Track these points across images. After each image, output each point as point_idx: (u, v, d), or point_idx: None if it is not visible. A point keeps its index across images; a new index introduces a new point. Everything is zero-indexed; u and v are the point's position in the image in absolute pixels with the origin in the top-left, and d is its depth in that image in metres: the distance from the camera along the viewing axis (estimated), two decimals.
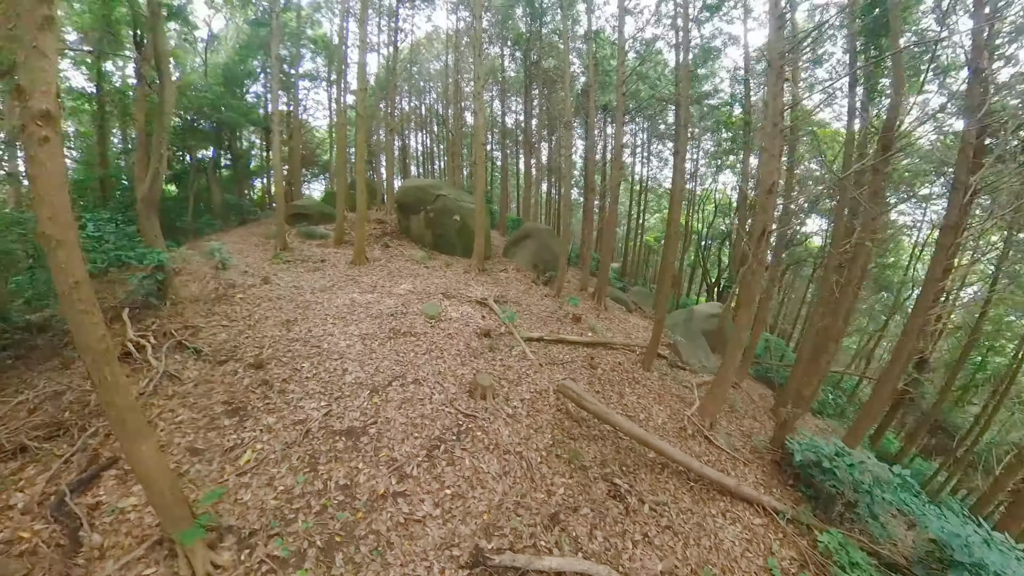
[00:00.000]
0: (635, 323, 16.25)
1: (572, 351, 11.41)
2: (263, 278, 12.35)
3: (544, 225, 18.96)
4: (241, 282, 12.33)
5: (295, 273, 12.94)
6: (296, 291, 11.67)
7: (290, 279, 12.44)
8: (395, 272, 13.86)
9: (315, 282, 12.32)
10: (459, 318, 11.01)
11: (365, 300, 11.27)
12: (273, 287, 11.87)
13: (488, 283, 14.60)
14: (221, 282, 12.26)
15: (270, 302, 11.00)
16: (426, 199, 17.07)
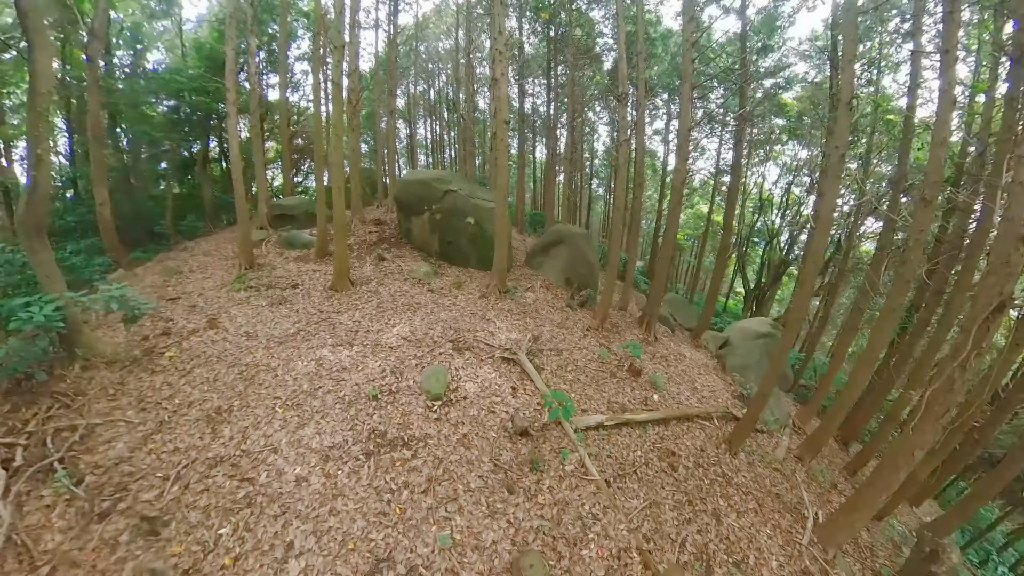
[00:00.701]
0: (692, 359, 12.21)
1: (641, 436, 7.53)
2: (209, 319, 8.56)
3: (578, 228, 14.83)
4: (181, 325, 8.56)
5: (253, 308, 9.10)
6: (246, 343, 7.83)
7: (244, 320, 8.62)
8: (388, 302, 9.92)
9: (275, 326, 8.48)
10: (479, 396, 7.09)
11: (338, 362, 7.40)
12: (218, 336, 8.06)
13: (513, 313, 10.63)
14: (156, 327, 8.54)
15: (205, 367, 7.22)
16: (432, 196, 13.00)
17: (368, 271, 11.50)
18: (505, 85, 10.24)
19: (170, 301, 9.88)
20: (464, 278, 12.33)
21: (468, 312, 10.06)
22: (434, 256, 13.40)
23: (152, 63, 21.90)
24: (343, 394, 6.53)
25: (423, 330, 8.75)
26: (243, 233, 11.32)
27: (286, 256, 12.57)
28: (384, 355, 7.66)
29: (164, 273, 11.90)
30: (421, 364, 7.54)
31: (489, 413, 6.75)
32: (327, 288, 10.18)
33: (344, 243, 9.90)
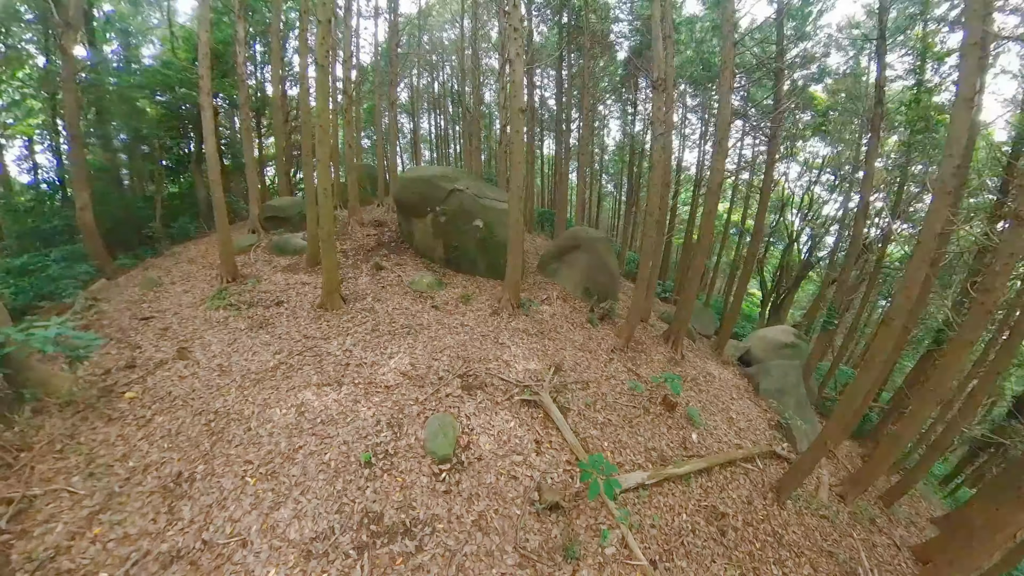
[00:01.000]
0: (722, 380, 10.80)
1: (684, 492, 6.22)
2: (180, 348, 7.21)
3: (597, 231, 13.35)
4: (149, 355, 7.24)
5: (230, 333, 7.76)
6: (217, 380, 6.49)
7: (218, 348, 7.28)
8: (385, 323, 8.49)
9: (252, 356, 7.12)
10: (496, 455, 5.75)
11: (323, 410, 6.05)
12: (187, 370, 6.71)
13: (530, 334, 9.23)
14: (121, 356, 7.22)
15: (168, 414, 5.89)
16: (435, 196, 11.40)
17: (364, 283, 10.09)
18: (521, 67, 8.76)
19: (142, 321, 8.55)
20: (472, 289, 10.93)
21: (478, 334, 8.66)
22: (438, 263, 11.99)
23: (148, 57, 20.40)
24: (328, 458, 5.18)
25: (426, 361, 7.36)
26: (223, 242, 9.89)
27: (275, 264, 11.17)
28: (379, 399, 6.29)
29: (144, 285, 10.58)
30: (424, 412, 6.16)
31: (510, 479, 5.40)
32: (316, 306, 8.77)
33: (332, 256, 8.47)
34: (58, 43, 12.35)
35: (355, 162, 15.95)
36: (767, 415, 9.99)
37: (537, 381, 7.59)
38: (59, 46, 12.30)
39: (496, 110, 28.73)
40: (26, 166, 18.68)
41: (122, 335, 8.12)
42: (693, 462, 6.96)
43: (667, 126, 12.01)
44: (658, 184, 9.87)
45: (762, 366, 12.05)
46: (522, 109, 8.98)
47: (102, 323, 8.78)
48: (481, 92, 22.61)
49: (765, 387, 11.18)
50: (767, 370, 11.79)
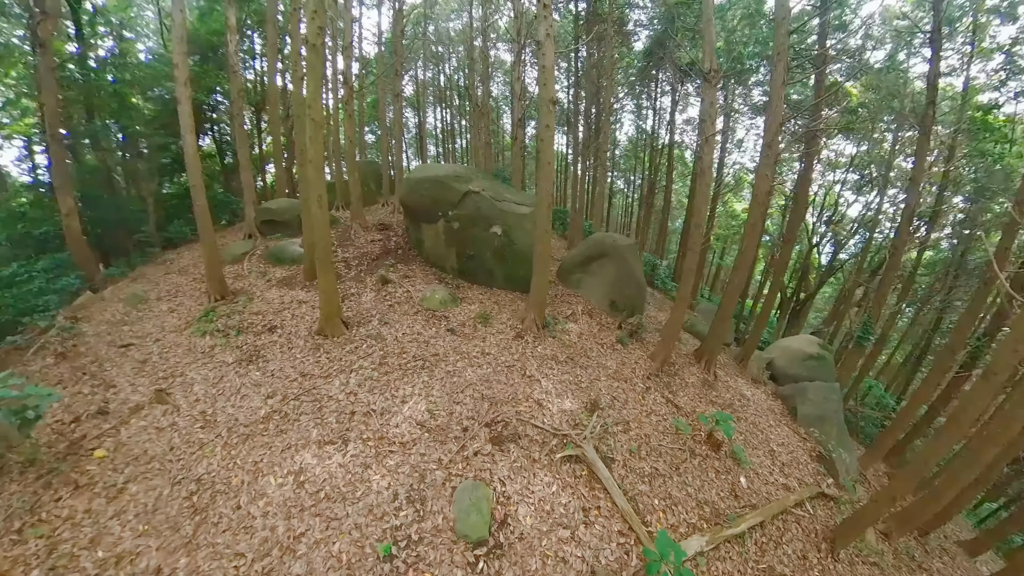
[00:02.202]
0: (755, 402, 9.69)
1: (741, 554, 5.33)
2: (157, 391, 6.09)
3: (624, 237, 12.12)
4: (124, 397, 6.11)
5: (216, 369, 6.58)
6: (200, 434, 5.32)
7: (202, 390, 6.11)
8: (394, 354, 7.25)
9: (241, 401, 5.95)
10: (540, 532, 4.61)
11: (328, 478, 4.88)
12: (165, 420, 5.58)
13: (559, 361, 8.05)
14: (93, 400, 6.10)
15: (143, 482, 4.76)
16: (448, 199, 10.08)
17: (368, 301, 8.85)
18: (551, 50, 7.47)
19: (121, 349, 7.41)
20: (490, 305, 9.75)
21: (503, 365, 7.47)
22: (450, 273, 10.78)
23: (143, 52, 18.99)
24: (339, 549, 4.03)
25: (446, 406, 6.19)
26: (209, 256, 8.65)
27: (270, 277, 9.97)
28: (394, 462, 5.13)
29: (128, 301, 9.42)
30: (450, 478, 5.01)
31: (558, 563, 4.29)
32: (314, 333, 7.53)
33: (330, 276, 7.21)
34: (34, 33, 11.02)
35: (357, 159, 14.72)
36: (807, 444, 9.02)
37: (574, 426, 6.47)
38: (36, 37, 10.99)
39: (505, 104, 27.31)
40: (26, 167, 17.47)
41: (98, 367, 6.98)
42: (748, 517, 6.02)
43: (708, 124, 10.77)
44: (705, 192, 8.64)
45: (798, 387, 10.97)
46: (553, 100, 7.71)
47: (79, 350, 7.65)
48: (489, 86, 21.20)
49: (804, 412, 10.09)
50: (804, 392, 10.69)
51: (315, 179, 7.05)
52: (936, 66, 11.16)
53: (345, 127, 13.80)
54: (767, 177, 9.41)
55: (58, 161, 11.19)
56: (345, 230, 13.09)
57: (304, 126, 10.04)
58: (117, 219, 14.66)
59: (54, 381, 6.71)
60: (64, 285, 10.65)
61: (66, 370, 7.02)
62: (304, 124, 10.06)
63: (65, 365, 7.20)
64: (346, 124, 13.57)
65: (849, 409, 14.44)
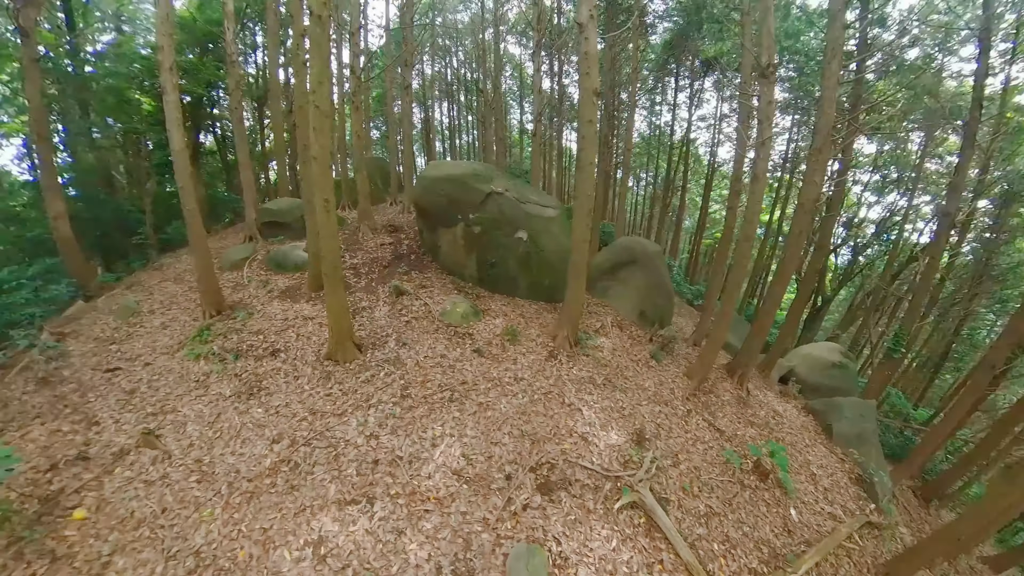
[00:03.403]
0: (789, 419, 8.94)
1: None
2: (144, 433, 5.10)
3: (653, 243, 11.12)
4: (108, 438, 5.16)
5: (213, 404, 5.60)
6: (196, 491, 4.37)
7: (196, 431, 5.14)
8: (417, 383, 6.25)
9: (242, 447, 4.98)
10: None
11: (354, 551, 3.89)
12: (155, 470, 4.65)
13: (596, 384, 7.09)
14: (73, 441, 5.16)
15: (131, 554, 3.83)
16: (469, 200, 9.02)
17: (382, 316, 7.83)
18: (594, 34, 6.41)
19: (107, 374, 6.45)
20: (515, 318, 8.77)
21: (540, 392, 6.51)
22: (469, 281, 9.75)
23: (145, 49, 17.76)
24: None
25: (483, 447, 5.23)
26: (202, 267, 7.59)
27: (272, 286, 8.94)
28: (432, 524, 4.17)
29: (119, 313, 8.44)
30: (499, 541, 4.08)
31: None
32: (323, 357, 6.50)
33: (340, 294, 6.18)
34: (16, 22, 9.86)
35: (365, 155, 13.65)
36: (845, 465, 8.36)
37: (624, 463, 5.65)
38: (16, 25, 9.85)
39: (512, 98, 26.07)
40: (26, 165, 16.39)
41: (81, 397, 6.02)
42: (807, 557, 5.49)
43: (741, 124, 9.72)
44: (759, 200, 7.62)
45: (832, 404, 10.12)
46: (597, 92, 6.67)
47: (62, 374, 6.69)
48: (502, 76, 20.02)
49: (840, 431, 9.32)
50: (839, 410, 9.86)
51: (321, 179, 5.93)
52: (984, 67, 10.11)
53: (352, 121, 12.70)
54: (816, 184, 8.43)
55: (45, 160, 10.12)
56: (353, 232, 12.07)
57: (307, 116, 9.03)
58: (114, 220, 13.63)
59: (32, 415, 5.76)
60: (54, 296, 9.66)
61: (46, 400, 6.07)
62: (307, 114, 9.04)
63: (46, 393, 6.24)
64: (353, 118, 12.48)
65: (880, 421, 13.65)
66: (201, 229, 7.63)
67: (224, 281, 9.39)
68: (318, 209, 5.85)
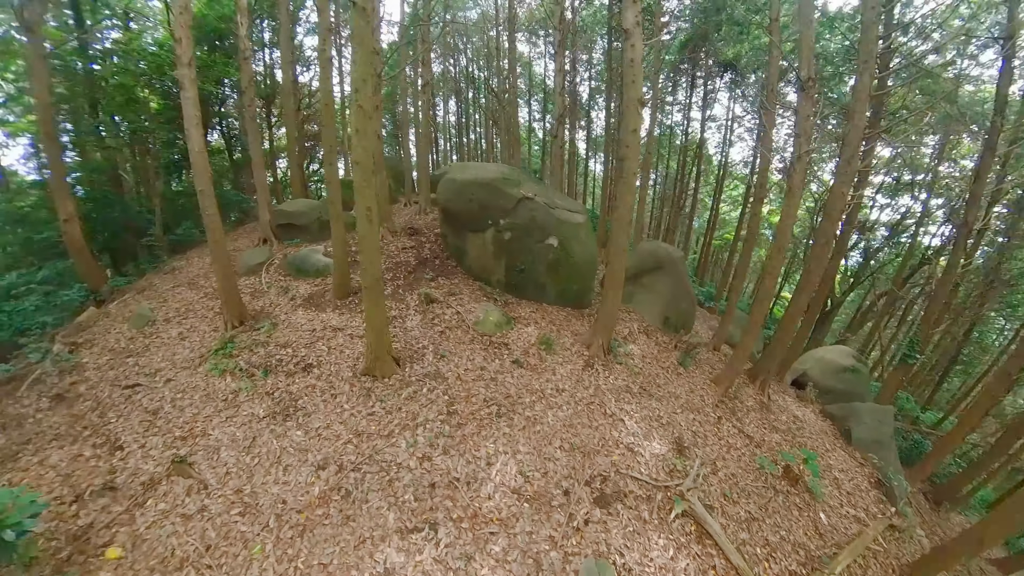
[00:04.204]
0: (808, 423, 8.83)
1: None
2: (175, 460, 4.61)
3: (675, 248, 10.79)
4: (133, 467, 4.70)
5: (246, 426, 5.13)
6: (241, 525, 3.93)
7: (231, 456, 4.68)
8: (461, 398, 5.84)
9: (285, 474, 4.50)
10: None
11: None
12: (192, 503, 4.18)
13: (633, 392, 6.77)
14: (96, 469, 4.70)
15: None
16: (500, 205, 8.60)
17: (415, 326, 7.38)
18: (640, 41, 6.01)
19: (126, 391, 5.97)
20: (545, 325, 8.37)
21: (582, 403, 6.15)
22: (497, 288, 9.32)
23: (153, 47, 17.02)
24: None
25: (537, 463, 4.90)
26: (223, 277, 7.08)
27: (293, 293, 8.46)
28: (500, 547, 3.84)
29: (134, 322, 7.93)
30: (567, 558, 3.89)
31: None
32: (360, 373, 6.05)
33: (381, 309, 5.71)
34: (21, 16, 9.24)
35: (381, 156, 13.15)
36: (864, 470, 8.32)
37: (670, 472, 5.58)
38: (23, 20, 9.23)
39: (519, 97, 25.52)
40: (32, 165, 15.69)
41: (100, 416, 5.55)
42: (840, 559, 5.52)
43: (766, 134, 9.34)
44: (794, 211, 7.28)
45: (850, 409, 9.97)
46: (641, 101, 6.27)
47: (78, 390, 6.21)
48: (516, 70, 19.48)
49: (859, 436, 9.21)
50: (857, 415, 9.72)
51: (363, 185, 5.40)
52: (1008, 75, 9.79)
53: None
54: (843, 195, 8.07)
55: (54, 161, 9.56)
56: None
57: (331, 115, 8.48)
58: (125, 221, 13.03)
59: (49, 437, 5.29)
60: (65, 300, 9.14)
61: (63, 420, 5.59)
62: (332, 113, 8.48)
63: (62, 411, 5.76)
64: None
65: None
66: (222, 236, 7.13)
67: (242, 287, 8.89)
68: (360, 218, 5.39)
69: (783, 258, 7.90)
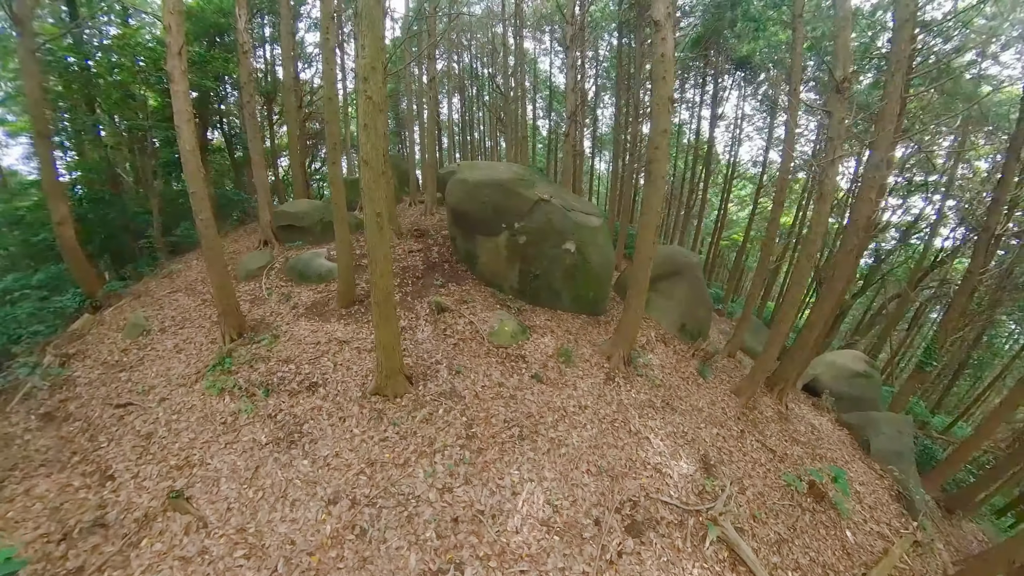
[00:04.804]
0: (826, 434, 8.48)
1: None
2: (171, 494, 4.16)
3: (693, 253, 10.35)
4: (125, 500, 4.25)
5: (248, 455, 4.63)
6: (249, 574, 3.50)
7: (232, 490, 4.19)
8: (481, 420, 5.37)
9: (294, 511, 4.02)
10: None
11: None
12: (190, 542, 3.75)
13: (655, 407, 6.36)
14: (86, 504, 4.25)
15: None
16: (515, 208, 8.14)
17: (427, 337, 6.91)
18: (672, 35, 5.58)
19: (118, 411, 5.51)
20: (562, 335, 7.91)
21: (606, 421, 5.73)
22: (509, 294, 8.83)
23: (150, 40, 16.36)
24: None
25: (566, 491, 4.52)
26: (220, 286, 6.52)
27: (295, 301, 7.98)
28: None
29: (128, 332, 7.46)
30: None
31: None
32: (369, 392, 5.54)
33: (393, 324, 5.18)
34: (9, 9, 8.67)
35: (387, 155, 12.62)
36: (884, 482, 7.98)
37: (699, 493, 5.24)
38: (11, 13, 8.66)
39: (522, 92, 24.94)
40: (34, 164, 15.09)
41: (90, 440, 5.10)
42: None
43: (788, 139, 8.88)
44: (825, 218, 6.88)
45: (867, 418, 9.64)
46: (671, 98, 5.82)
47: (68, 408, 5.75)
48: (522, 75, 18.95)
49: (878, 447, 8.88)
50: (875, 425, 9.39)
51: (373, 187, 4.79)
52: None
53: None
54: (871, 201, 7.68)
55: (45, 160, 9.03)
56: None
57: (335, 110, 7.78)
58: (122, 221, 12.52)
59: (37, 462, 4.84)
60: (58, 307, 8.64)
61: (51, 442, 5.14)
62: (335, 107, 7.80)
63: (51, 433, 5.31)
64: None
65: None
66: (218, 242, 6.61)
67: (241, 293, 8.42)
68: (369, 225, 4.88)
69: (811, 266, 7.47)
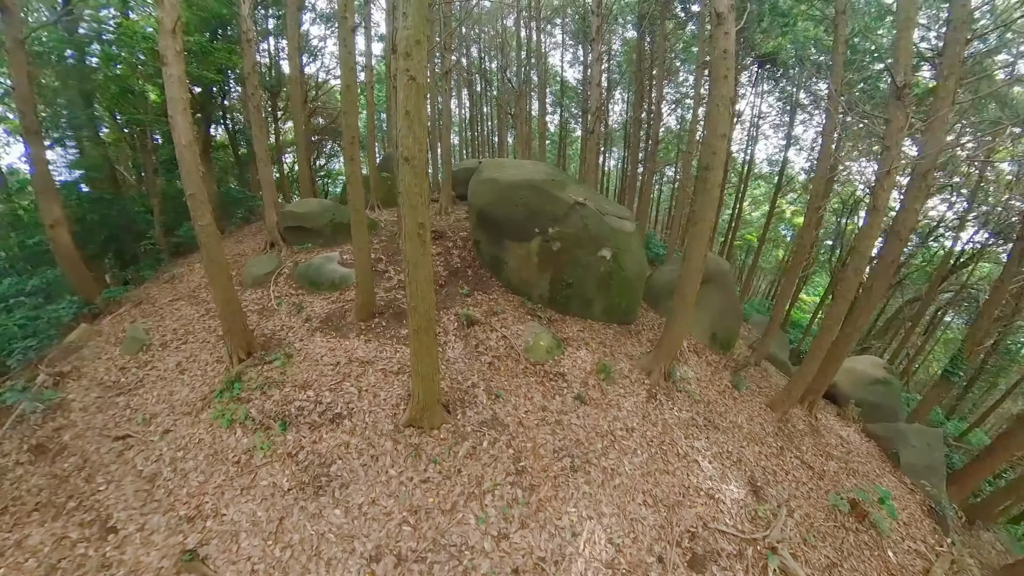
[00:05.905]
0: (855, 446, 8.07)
1: None
2: (186, 560, 3.43)
3: (723, 260, 9.73)
4: (131, 561, 3.57)
5: (266, 501, 3.93)
6: None
7: (255, 548, 3.51)
8: (529, 452, 4.65)
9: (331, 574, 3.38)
10: None
11: None
12: None
13: (698, 425, 5.85)
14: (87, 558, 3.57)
15: None
16: (549, 212, 7.47)
17: (459, 355, 6.22)
18: (733, 29, 4.92)
19: (117, 444, 4.84)
20: (597, 347, 7.25)
21: (654, 444, 5.20)
22: (538, 302, 8.08)
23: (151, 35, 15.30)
24: None
25: (626, 526, 4.06)
26: (225, 302, 5.76)
27: (307, 312, 7.25)
28: None
29: (127, 346, 6.75)
30: None
31: None
32: (401, 424, 4.83)
33: (432, 354, 4.47)
34: None
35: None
36: (915, 497, 7.59)
37: (752, 519, 4.86)
38: None
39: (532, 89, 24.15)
40: None
41: (87, 480, 4.42)
42: None
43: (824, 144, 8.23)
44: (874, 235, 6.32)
45: (896, 430, 9.13)
46: (732, 99, 5.21)
47: (62, 439, 5.07)
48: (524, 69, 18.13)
49: (908, 461, 8.38)
50: (905, 438, 8.89)
51: (415, 190, 3.88)
52: None
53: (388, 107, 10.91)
54: (915, 211, 7.08)
55: (37, 158, 8.26)
56: (391, 238, 10.41)
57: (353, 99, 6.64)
58: (123, 222, 11.75)
59: (30, 506, 4.17)
60: (52, 317, 7.89)
61: (44, 481, 4.47)
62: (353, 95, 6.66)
63: (43, 469, 4.63)
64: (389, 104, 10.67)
65: None
66: (221, 253, 5.79)
67: (248, 303, 7.72)
68: (410, 238, 4.12)
69: (859, 281, 6.90)
